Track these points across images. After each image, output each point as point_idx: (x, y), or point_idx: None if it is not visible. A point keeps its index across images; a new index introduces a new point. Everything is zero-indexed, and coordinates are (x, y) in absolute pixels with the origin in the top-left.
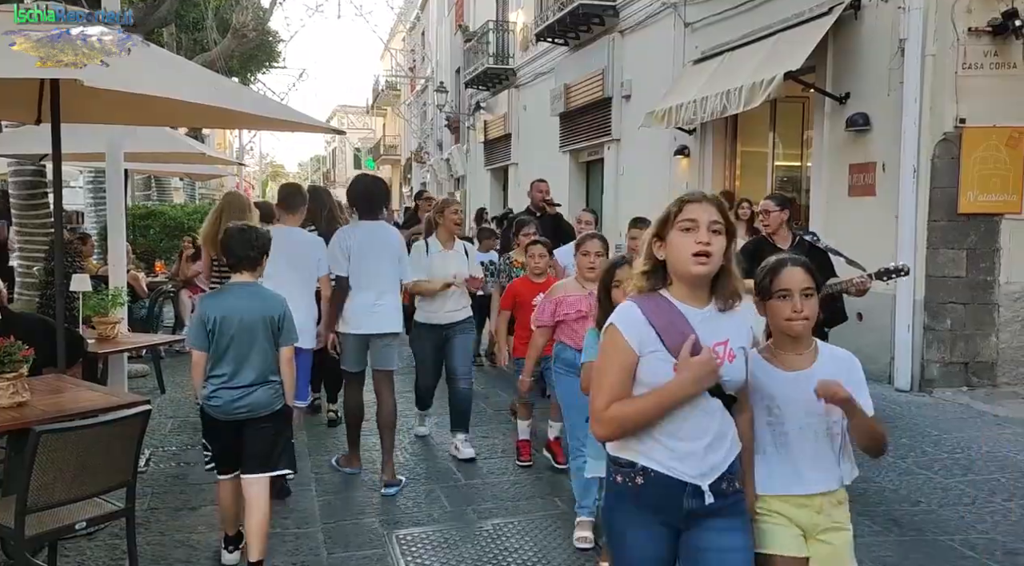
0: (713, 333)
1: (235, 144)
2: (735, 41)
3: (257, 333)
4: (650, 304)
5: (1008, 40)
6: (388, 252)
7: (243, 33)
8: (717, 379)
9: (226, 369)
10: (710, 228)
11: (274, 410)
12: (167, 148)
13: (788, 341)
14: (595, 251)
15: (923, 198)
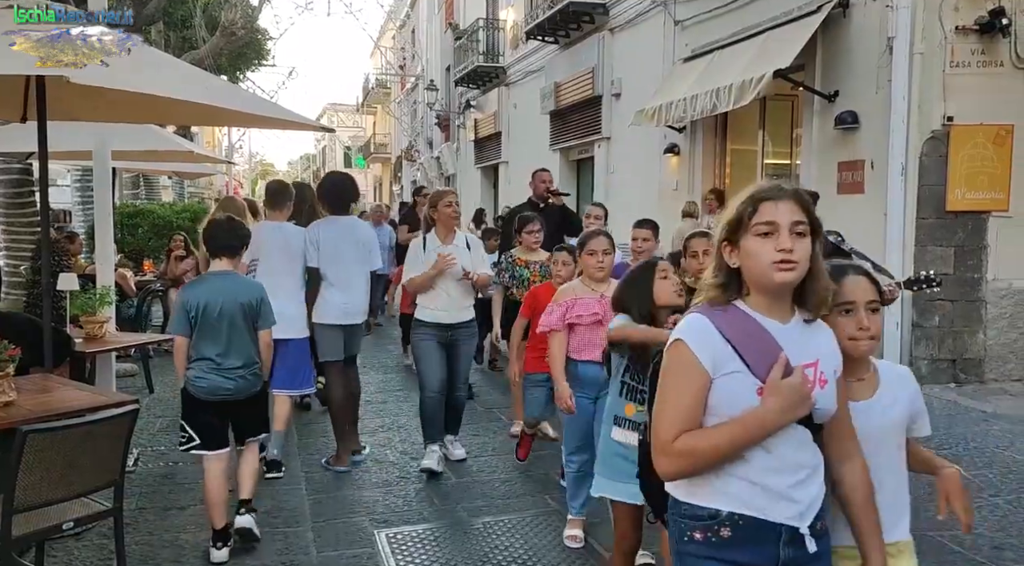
0: (801, 352)
1: (224, 142)
2: (725, 39)
3: (237, 318)
4: (725, 317)
5: (995, 38)
6: (357, 245)
7: (232, 31)
8: (810, 408)
9: (212, 353)
10: (792, 230)
11: (254, 392)
12: (155, 146)
13: (849, 364)
14: (602, 249)
15: (911, 196)
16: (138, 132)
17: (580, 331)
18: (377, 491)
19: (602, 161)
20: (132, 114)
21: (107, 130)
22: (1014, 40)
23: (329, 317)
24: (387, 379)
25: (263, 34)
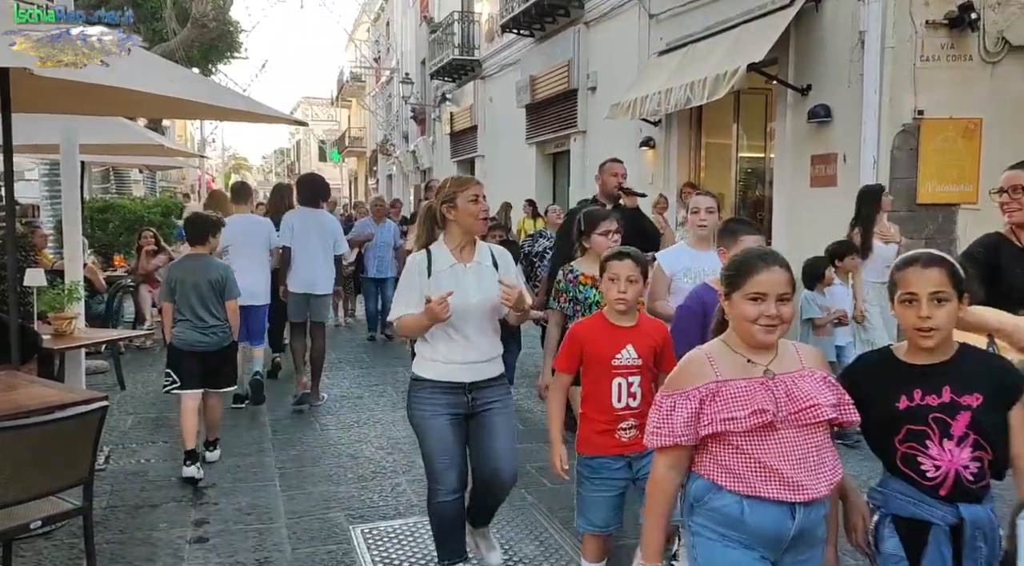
0: None
1: (197, 136)
2: (699, 33)
3: (205, 290)
4: None
5: (964, 33)
6: (321, 231)
7: (203, 23)
8: None
9: (190, 315)
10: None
11: (224, 345)
12: (124, 139)
13: None
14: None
15: None
16: (107, 125)
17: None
18: (353, 486)
19: (578, 155)
20: (100, 107)
21: (75, 123)
22: (982, 34)
23: (295, 287)
24: (363, 373)
25: (235, 26)
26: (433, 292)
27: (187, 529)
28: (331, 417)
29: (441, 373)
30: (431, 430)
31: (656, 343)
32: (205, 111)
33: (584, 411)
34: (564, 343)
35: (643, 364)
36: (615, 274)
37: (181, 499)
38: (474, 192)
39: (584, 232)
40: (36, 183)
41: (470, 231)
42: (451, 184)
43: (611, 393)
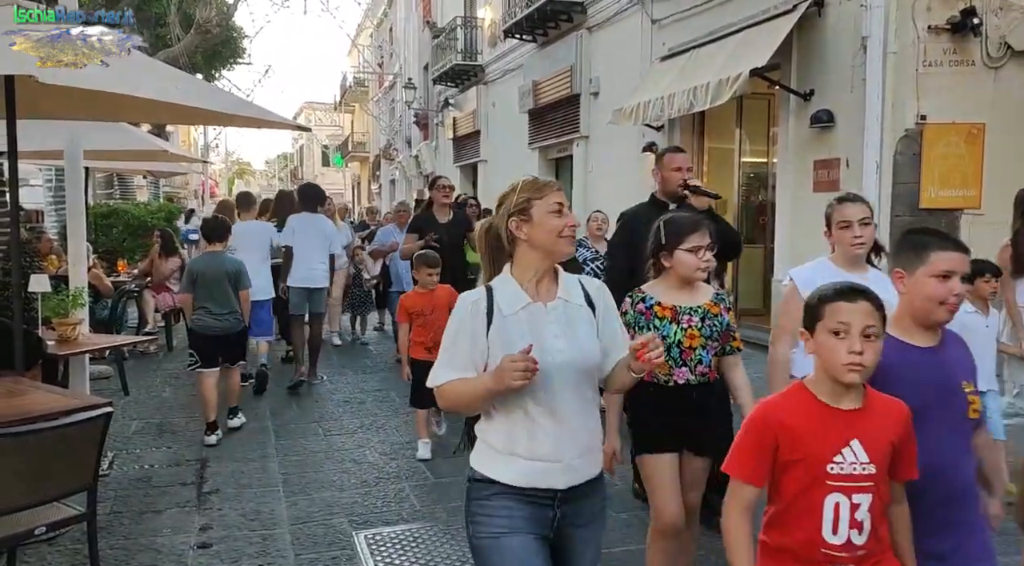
0: None
1: (200, 141)
2: (702, 38)
3: (222, 281)
4: None
5: (967, 38)
6: (319, 233)
7: (207, 29)
8: None
9: (207, 303)
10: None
11: (237, 330)
12: (128, 146)
13: None
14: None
15: (886, 193)
16: (111, 131)
17: None
18: (356, 492)
19: (581, 160)
20: (104, 113)
21: (79, 129)
22: (985, 39)
23: (295, 282)
24: (365, 378)
25: (239, 32)
26: (499, 346)
27: (191, 535)
28: (334, 422)
29: (523, 474)
30: (507, 557)
31: (896, 436)
32: (209, 117)
33: (768, 539)
34: (746, 432)
35: (877, 473)
36: (844, 324)
37: (185, 505)
38: (556, 200)
39: (665, 246)
40: (40, 189)
41: (552, 255)
42: (523, 189)
43: (822, 518)
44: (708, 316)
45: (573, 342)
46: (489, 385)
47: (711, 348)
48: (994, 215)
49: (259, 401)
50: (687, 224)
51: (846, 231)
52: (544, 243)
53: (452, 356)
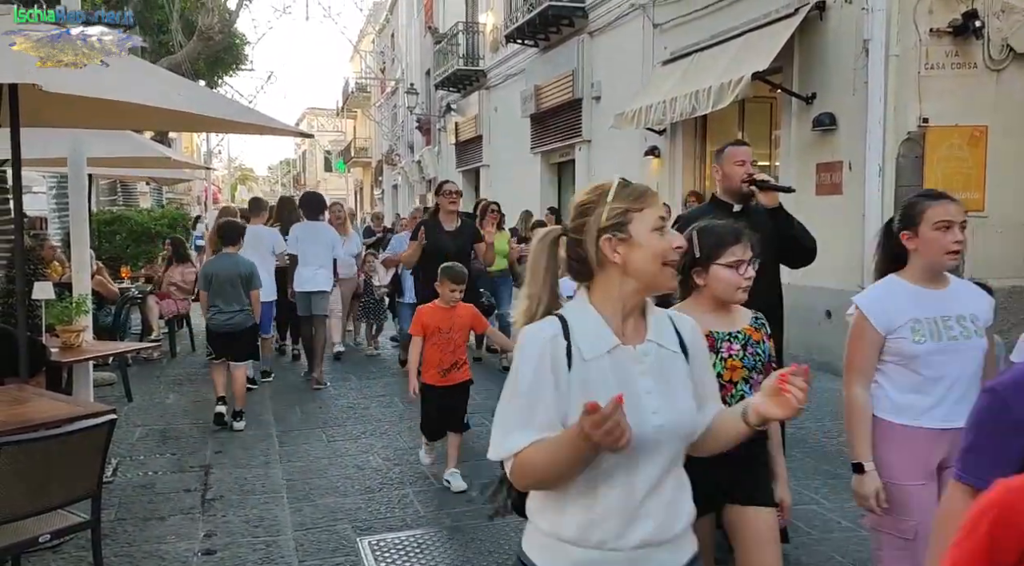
0: None
1: (203, 147)
2: (703, 42)
3: (235, 281)
4: None
5: (968, 40)
6: (322, 241)
7: (209, 35)
8: None
9: (219, 302)
10: None
11: (247, 326)
12: (131, 153)
13: None
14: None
15: (888, 196)
16: (114, 138)
17: None
18: (359, 498)
19: (583, 164)
20: (108, 121)
21: (82, 137)
22: (987, 42)
23: (299, 286)
24: (369, 384)
25: (241, 38)
26: (577, 402)
27: (195, 542)
28: (338, 428)
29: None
30: None
31: None
32: (212, 124)
33: None
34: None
35: None
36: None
37: (189, 511)
38: (659, 213)
39: (699, 259)
40: (44, 196)
41: (651, 287)
42: (619, 196)
43: None
44: (750, 343)
45: (669, 401)
46: (578, 448)
47: (755, 382)
48: (997, 217)
49: (263, 407)
50: (726, 233)
51: (946, 234)
52: (644, 271)
53: (530, 411)
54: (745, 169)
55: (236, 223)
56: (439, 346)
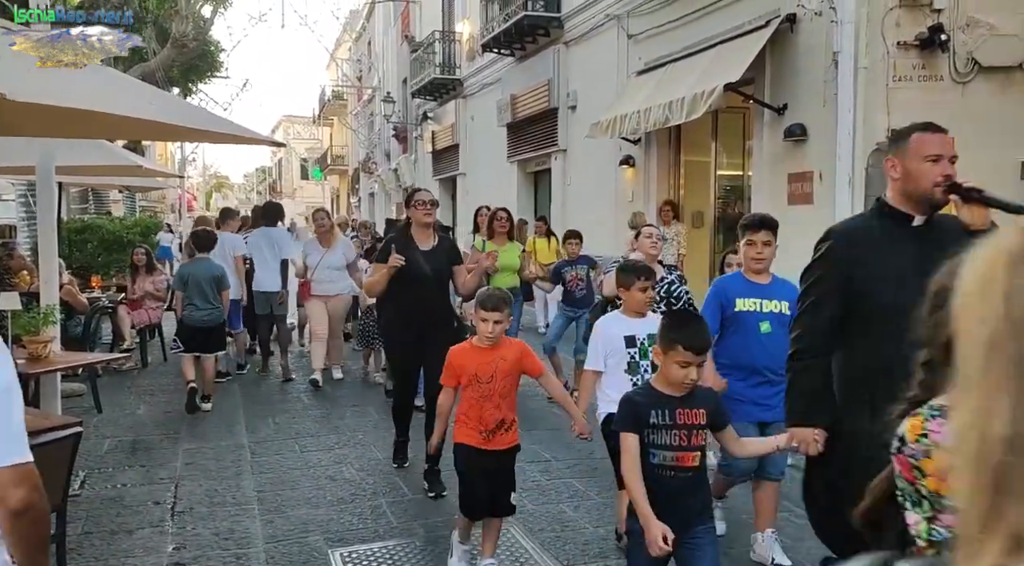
0: None
1: (177, 156)
2: (677, 53)
3: (208, 282)
4: None
5: (935, 54)
6: (272, 244)
7: (183, 43)
8: None
9: (196, 300)
10: None
11: (219, 322)
12: (102, 161)
13: None
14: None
15: (858, 206)
16: (85, 147)
17: None
18: (332, 509)
19: (559, 173)
20: (78, 130)
21: (52, 145)
22: (952, 55)
23: (257, 287)
24: (343, 394)
25: (216, 46)
26: None
27: (163, 555)
28: (311, 439)
29: None
30: None
31: None
32: (183, 133)
33: None
34: None
35: None
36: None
37: (158, 524)
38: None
39: None
40: (13, 203)
41: None
42: None
43: None
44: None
45: None
46: None
47: None
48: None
49: (235, 418)
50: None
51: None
52: None
53: None
54: (940, 169)
55: (210, 231)
56: (478, 399)
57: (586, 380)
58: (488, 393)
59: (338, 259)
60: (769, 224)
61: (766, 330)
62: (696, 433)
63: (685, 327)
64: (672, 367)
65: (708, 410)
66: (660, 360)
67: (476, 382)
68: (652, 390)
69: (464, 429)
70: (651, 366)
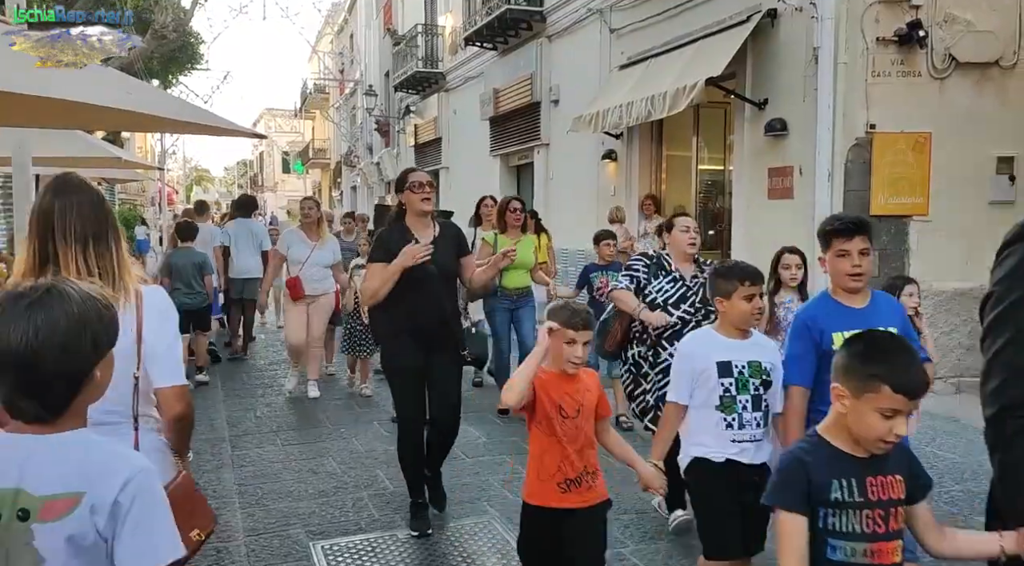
0: None
1: (157, 148)
2: (659, 47)
3: (192, 269)
4: None
5: (913, 49)
6: (250, 234)
7: (163, 34)
8: None
9: (181, 286)
10: None
11: (204, 304)
12: (80, 152)
13: None
14: None
15: (837, 200)
16: (62, 137)
17: None
18: (313, 502)
19: (541, 167)
20: (53, 120)
21: (27, 135)
22: (930, 51)
23: (234, 274)
24: (325, 388)
25: (196, 37)
26: None
27: None
28: (292, 432)
29: None
30: None
31: None
32: (161, 124)
33: None
34: None
35: None
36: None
37: None
38: None
39: None
40: None
41: None
42: None
43: None
44: None
45: None
46: None
47: None
48: (941, 221)
49: (216, 411)
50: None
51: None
52: None
53: None
54: None
55: (191, 223)
56: (561, 440)
57: (668, 418)
58: (573, 433)
59: (328, 256)
60: (864, 227)
61: None
62: (894, 512)
63: (894, 358)
64: (869, 417)
65: (904, 476)
66: (844, 403)
67: (561, 416)
68: (827, 447)
69: (536, 485)
70: (751, 402)
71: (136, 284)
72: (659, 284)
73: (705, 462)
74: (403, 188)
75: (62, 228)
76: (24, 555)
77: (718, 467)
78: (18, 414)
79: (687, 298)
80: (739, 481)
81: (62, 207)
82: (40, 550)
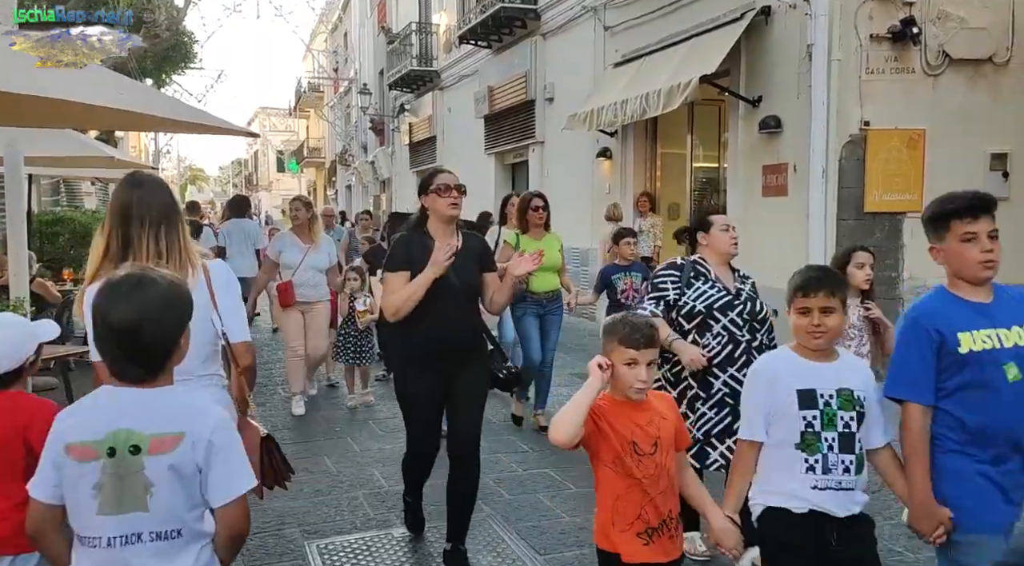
0: None
1: (151, 147)
2: (653, 45)
3: None
4: None
5: (907, 46)
6: (245, 234)
7: (156, 33)
8: None
9: None
10: None
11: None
12: (73, 152)
13: None
14: None
15: (831, 198)
16: (54, 137)
17: None
18: (308, 501)
19: (536, 165)
20: (45, 119)
21: (19, 135)
22: (924, 48)
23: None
24: (326, 391)
25: (190, 36)
26: None
27: None
28: (287, 432)
29: None
30: None
31: None
32: (155, 123)
33: None
34: None
35: None
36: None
37: None
38: None
39: None
40: None
41: None
42: None
43: None
44: None
45: None
46: None
47: None
48: None
49: None
50: None
51: None
52: None
53: None
54: None
55: (197, 222)
56: (641, 482)
57: (743, 457)
58: (655, 473)
59: (323, 260)
60: (991, 205)
61: (1015, 378)
62: None
63: None
64: None
65: None
66: None
67: (634, 452)
68: None
69: (615, 533)
70: (838, 441)
71: (201, 259)
72: (698, 288)
73: (783, 513)
74: (428, 190)
75: (139, 216)
76: (138, 481)
77: (798, 519)
78: (125, 375)
79: (734, 306)
80: (825, 540)
81: (139, 199)
82: (150, 477)
